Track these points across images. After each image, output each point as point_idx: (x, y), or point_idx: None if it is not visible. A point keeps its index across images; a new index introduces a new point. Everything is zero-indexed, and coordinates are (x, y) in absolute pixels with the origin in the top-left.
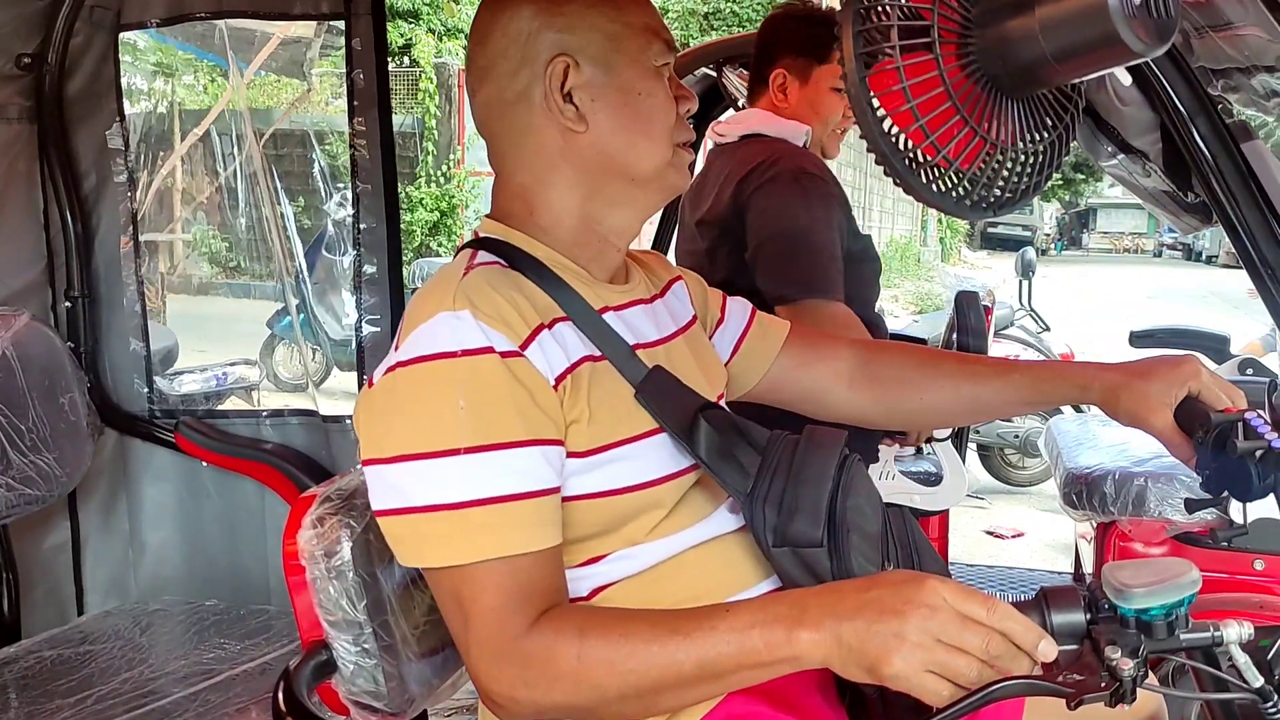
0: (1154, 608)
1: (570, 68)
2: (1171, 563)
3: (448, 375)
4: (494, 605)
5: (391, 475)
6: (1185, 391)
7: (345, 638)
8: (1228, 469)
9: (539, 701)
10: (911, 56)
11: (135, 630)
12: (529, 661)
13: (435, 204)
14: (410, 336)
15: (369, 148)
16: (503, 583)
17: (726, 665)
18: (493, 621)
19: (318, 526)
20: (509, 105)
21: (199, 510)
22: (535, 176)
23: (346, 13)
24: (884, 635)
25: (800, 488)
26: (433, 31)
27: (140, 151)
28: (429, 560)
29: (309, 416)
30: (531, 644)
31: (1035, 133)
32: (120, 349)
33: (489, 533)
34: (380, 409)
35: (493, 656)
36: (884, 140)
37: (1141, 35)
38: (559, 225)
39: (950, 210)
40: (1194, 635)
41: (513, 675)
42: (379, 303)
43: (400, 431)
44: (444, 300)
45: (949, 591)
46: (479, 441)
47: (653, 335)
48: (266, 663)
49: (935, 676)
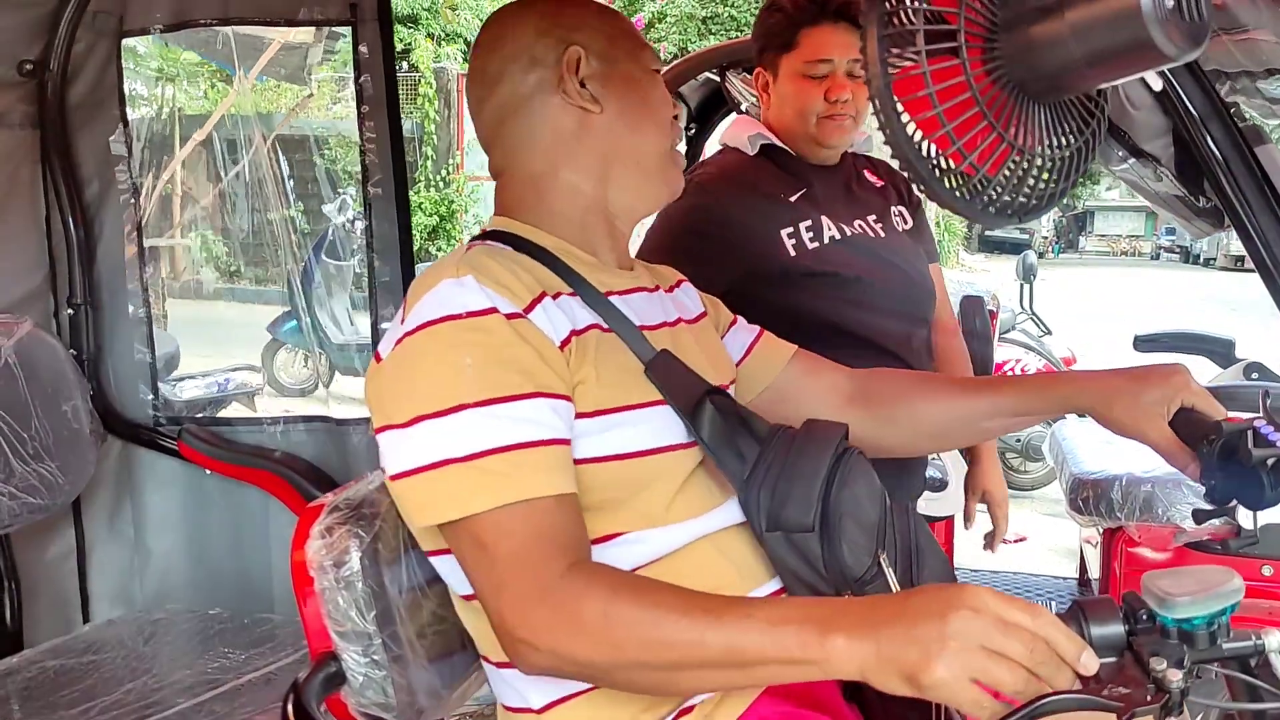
0: (1198, 617)
1: (582, 57)
2: (1213, 571)
3: (452, 337)
4: (519, 549)
5: (404, 439)
6: (1179, 402)
7: (354, 649)
8: (1236, 477)
9: (559, 651)
10: (937, 61)
11: (139, 639)
12: (556, 607)
13: (434, 209)
14: (415, 307)
15: (379, 152)
16: (526, 527)
17: (753, 655)
18: (519, 565)
19: (326, 536)
20: (523, 101)
21: (203, 518)
22: (549, 163)
23: (353, 19)
24: (924, 640)
25: (794, 476)
26: (431, 36)
27: (144, 157)
28: (448, 512)
29: (315, 423)
30: (560, 591)
31: (1061, 138)
32: (124, 356)
33: (506, 478)
34: (390, 378)
35: (518, 599)
36: (909, 146)
37: (1175, 39)
38: (570, 207)
39: (974, 216)
40: (1237, 644)
41: (537, 620)
42: (394, 306)
43: (411, 396)
44: (446, 271)
45: (991, 597)
46: (486, 396)
47: (659, 318)
48: (272, 672)
49: (977, 686)
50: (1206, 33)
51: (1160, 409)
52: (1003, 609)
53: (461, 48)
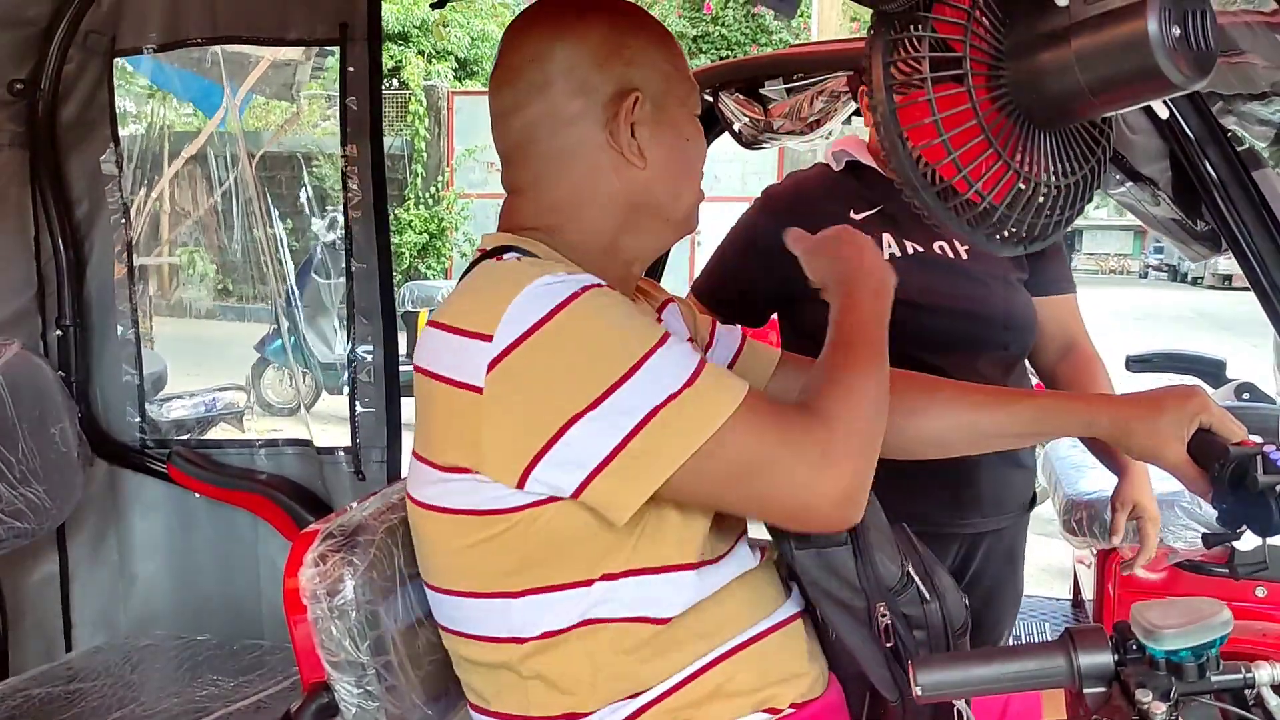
0: (1184, 649)
1: (639, 102)
2: (1202, 603)
3: (570, 324)
4: (762, 433)
5: (584, 431)
6: (1196, 424)
7: (348, 679)
8: (1245, 502)
9: (861, 469)
10: (943, 89)
11: (125, 667)
12: (829, 424)
13: (424, 226)
14: (504, 320)
15: (360, 174)
16: (764, 412)
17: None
18: (774, 437)
19: (320, 564)
20: (562, 124)
21: (191, 542)
22: (576, 197)
23: (342, 38)
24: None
25: None
26: (422, 54)
27: (135, 177)
28: (681, 451)
29: (303, 446)
30: (811, 416)
31: (1067, 165)
32: (112, 378)
33: (717, 390)
34: (516, 398)
35: (803, 455)
36: (915, 174)
37: (1182, 68)
38: (586, 246)
39: (981, 244)
40: (1226, 677)
41: (837, 449)
42: (371, 329)
43: (566, 393)
44: (520, 279)
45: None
46: (650, 345)
47: None
48: (261, 700)
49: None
50: (1214, 61)
51: (1178, 432)
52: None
53: (452, 65)
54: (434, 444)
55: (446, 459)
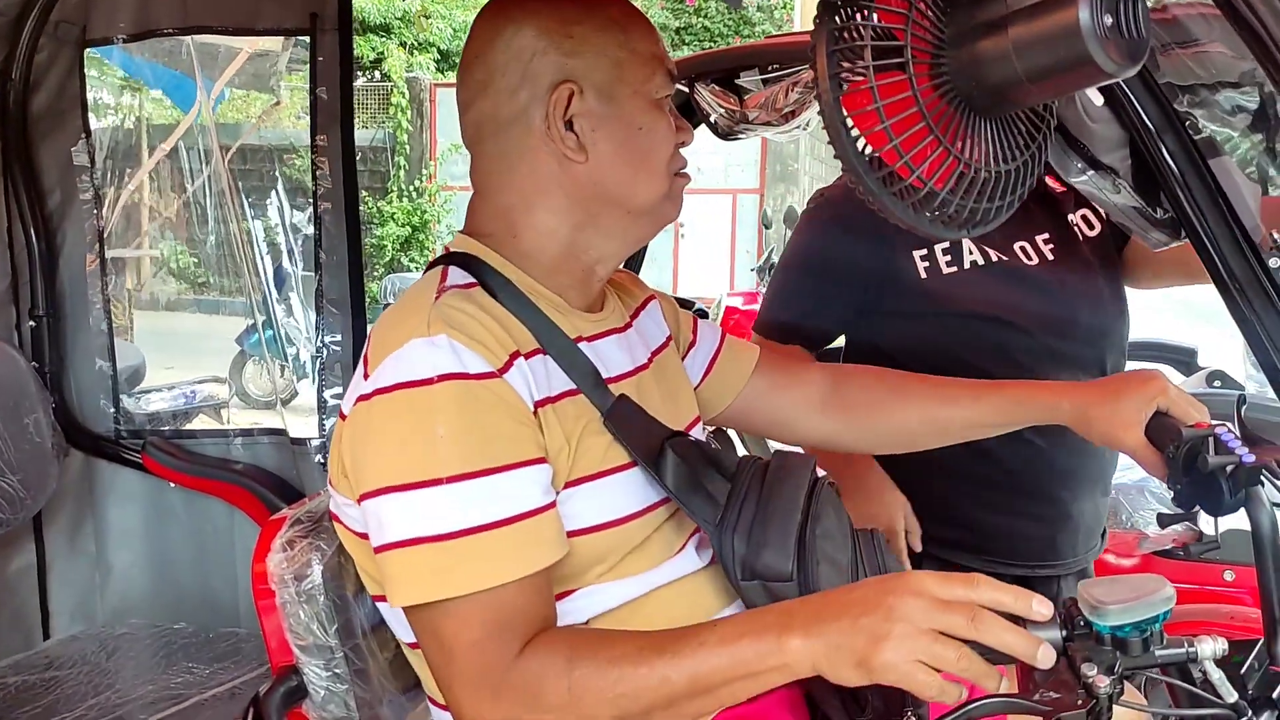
0: (1128, 625)
1: (574, 94)
2: (1145, 579)
3: (425, 403)
4: (477, 639)
5: (380, 509)
6: (1154, 407)
7: (316, 662)
8: (1199, 483)
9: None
10: (885, 77)
11: (102, 655)
12: (517, 696)
13: (407, 219)
14: (382, 364)
15: (330, 165)
16: (485, 616)
17: (717, 678)
18: (476, 656)
19: (288, 550)
20: (504, 124)
21: (166, 532)
22: (524, 199)
23: (312, 28)
24: (870, 628)
25: (769, 518)
26: (404, 45)
27: (107, 168)
28: (413, 597)
29: (278, 436)
30: (519, 676)
31: (1008, 152)
32: (86, 368)
33: (472, 563)
34: (358, 442)
35: (478, 692)
36: (858, 160)
37: (1114, 56)
38: (542, 251)
39: (924, 229)
40: (1169, 651)
41: (501, 711)
42: (340, 321)
43: (379, 464)
44: (417, 326)
45: (930, 579)
46: (462, 469)
47: (625, 366)
48: (236, 687)
49: (924, 667)
50: (1145, 49)
51: (1137, 416)
52: (940, 588)
53: (434, 57)
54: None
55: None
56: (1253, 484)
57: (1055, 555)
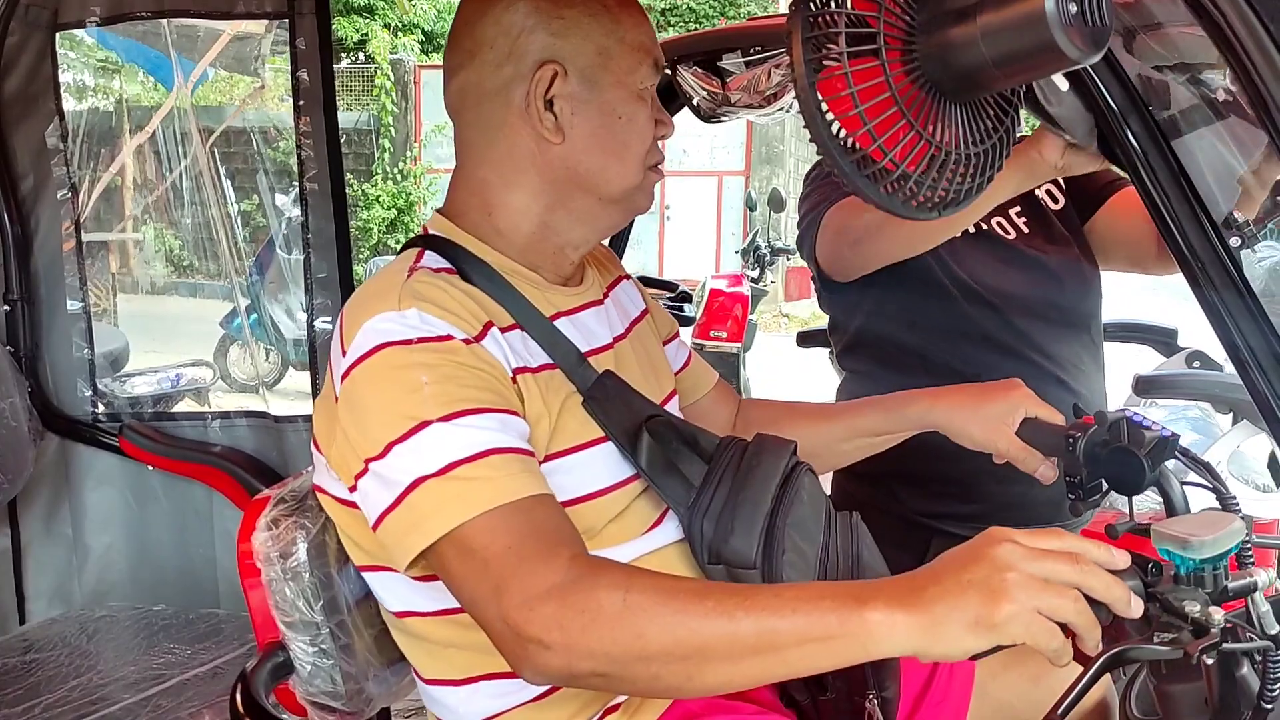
0: (1214, 557)
1: (558, 75)
2: (1212, 516)
3: (405, 358)
4: (513, 544)
5: (373, 476)
6: (1023, 413)
7: (302, 638)
8: (1115, 464)
9: (575, 644)
10: (859, 62)
11: (82, 637)
12: (567, 598)
13: (392, 201)
14: (356, 337)
15: (315, 147)
16: (516, 523)
17: (788, 636)
18: (515, 560)
19: (273, 528)
20: (486, 96)
21: (145, 514)
22: (501, 176)
23: (290, 11)
24: (980, 581)
25: (739, 506)
26: (388, 27)
27: (84, 151)
28: (433, 530)
29: (259, 418)
30: (571, 580)
31: (978, 135)
32: (63, 352)
33: (483, 484)
34: (350, 416)
35: (522, 595)
36: (834, 144)
37: (1077, 42)
38: (515, 230)
39: (897, 211)
40: (1240, 583)
41: (548, 614)
42: (330, 302)
43: (374, 426)
44: (387, 301)
45: (1015, 533)
46: (448, 410)
47: (605, 339)
48: (218, 666)
49: (1045, 620)
50: (1108, 36)
51: (1005, 420)
52: (1034, 539)
53: (419, 38)
54: (320, 435)
55: (324, 449)
56: (1169, 457)
57: (1063, 516)
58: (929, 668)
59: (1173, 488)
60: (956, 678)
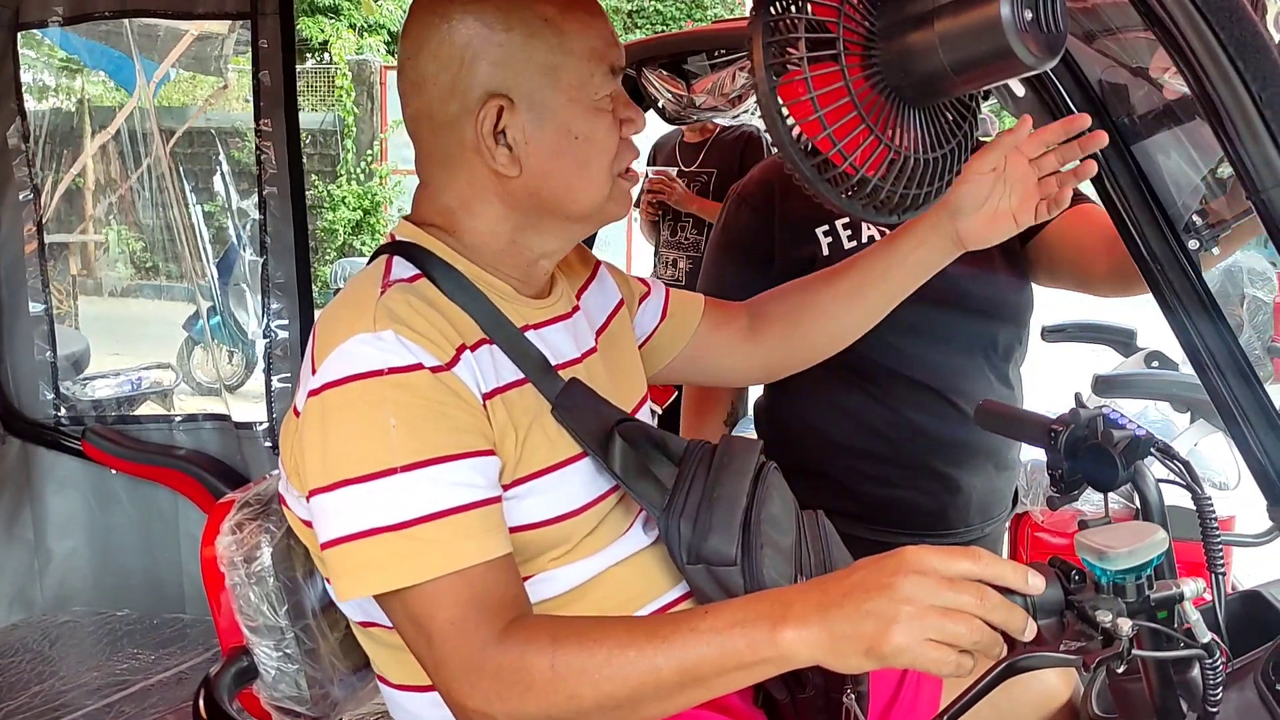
0: (1134, 568)
1: (505, 110)
2: (1137, 526)
3: (375, 394)
4: (454, 619)
5: (330, 504)
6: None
7: (266, 643)
8: (1090, 461)
9: (514, 713)
10: (819, 67)
11: (44, 643)
12: (500, 672)
13: (358, 202)
14: (329, 360)
15: (275, 149)
16: (460, 595)
17: (708, 669)
18: (455, 635)
19: (237, 532)
20: (440, 129)
21: (109, 519)
22: (464, 204)
23: (253, 11)
24: (877, 612)
25: (715, 504)
26: (354, 27)
27: (46, 151)
28: (378, 585)
29: (222, 421)
30: (502, 654)
31: (937, 140)
32: (24, 355)
33: (437, 547)
34: (310, 438)
35: (462, 670)
36: (794, 148)
37: (1033, 49)
38: (485, 246)
39: (857, 214)
40: (1162, 594)
41: (486, 688)
42: (287, 306)
43: (333, 458)
44: (362, 320)
45: (932, 555)
46: (414, 459)
47: (572, 353)
48: (182, 671)
49: (937, 645)
50: (1064, 42)
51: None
52: (947, 565)
53: (384, 39)
54: (285, 447)
55: (286, 465)
56: (1143, 456)
57: (945, 525)
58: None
59: (1148, 486)
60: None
